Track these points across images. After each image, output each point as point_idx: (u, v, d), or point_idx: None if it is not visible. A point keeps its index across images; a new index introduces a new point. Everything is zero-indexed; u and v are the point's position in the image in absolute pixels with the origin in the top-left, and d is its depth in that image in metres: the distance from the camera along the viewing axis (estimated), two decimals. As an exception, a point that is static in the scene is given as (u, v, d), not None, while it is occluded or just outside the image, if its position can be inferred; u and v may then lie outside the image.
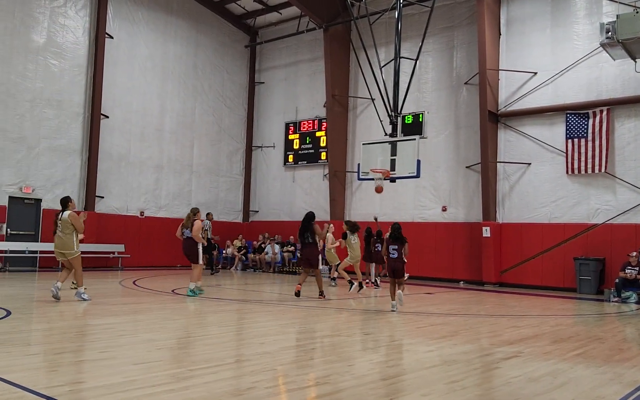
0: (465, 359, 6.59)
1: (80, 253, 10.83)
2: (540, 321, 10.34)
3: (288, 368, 5.92)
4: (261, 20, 25.58)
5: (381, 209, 21.87)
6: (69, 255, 10.68)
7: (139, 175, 22.12)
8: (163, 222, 22.25)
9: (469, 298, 14.86)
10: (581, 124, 17.54)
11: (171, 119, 23.33)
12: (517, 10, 19.34)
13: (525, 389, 5.25)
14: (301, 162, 24.65)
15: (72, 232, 10.65)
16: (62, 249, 10.68)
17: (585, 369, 6.31)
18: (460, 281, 19.53)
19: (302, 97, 24.95)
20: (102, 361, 5.87)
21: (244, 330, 8.79)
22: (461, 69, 20.39)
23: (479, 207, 19.25)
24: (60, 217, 10.71)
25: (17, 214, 18.70)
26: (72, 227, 10.62)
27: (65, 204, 10.84)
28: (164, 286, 14.53)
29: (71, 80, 20.08)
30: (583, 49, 17.79)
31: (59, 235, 10.68)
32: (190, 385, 4.97)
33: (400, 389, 5.18)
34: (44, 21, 19.42)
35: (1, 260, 18.06)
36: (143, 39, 22.35)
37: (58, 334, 7.58)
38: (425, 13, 19.10)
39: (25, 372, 5.26)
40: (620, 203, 16.92)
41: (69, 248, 10.64)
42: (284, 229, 24.02)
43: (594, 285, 16.61)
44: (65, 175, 19.85)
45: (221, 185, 25.35)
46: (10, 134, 18.48)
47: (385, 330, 9.01)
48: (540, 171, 18.46)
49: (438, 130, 20.48)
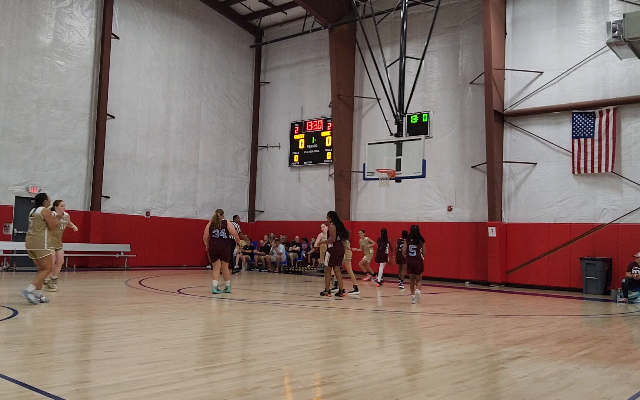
0: (471, 359, 6.57)
1: (50, 254, 10.12)
2: (546, 321, 10.30)
3: (293, 368, 5.92)
4: (266, 20, 25.60)
5: (387, 209, 21.89)
6: (39, 255, 9.96)
7: (144, 175, 22.18)
8: (169, 222, 22.31)
9: (475, 298, 14.82)
10: (587, 123, 17.46)
11: (177, 119, 23.39)
12: (522, 10, 19.27)
13: (531, 390, 5.23)
14: (306, 162, 24.66)
15: (44, 229, 9.97)
16: (32, 247, 9.98)
17: (592, 369, 6.28)
18: (465, 281, 19.49)
19: (307, 97, 24.96)
20: (108, 361, 5.88)
21: (249, 330, 8.80)
22: (467, 69, 20.34)
23: (485, 207, 19.20)
24: (32, 213, 10.09)
25: (24, 214, 18.71)
26: (44, 225, 9.97)
27: (40, 201, 10.19)
28: (170, 286, 14.56)
29: (77, 81, 20.16)
30: (589, 48, 17.72)
31: (29, 233, 10.02)
32: (196, 385, 4.98)
33: (405, 389, 5.17)
34: (50, 22, 19.50)
35: (8, 260, 18.15)
36: (149, 39, 22.42)
37: (64, 333, 7.61)
38: (430, 13, 19.07)
39: (32, 371, 5.28)
40: (627, 203, 16.84)
41: (39, 246, 9.94)
42: (290, 228, 24.05)
43: (601, 285, 16.54)
44: (71, 176, 19.93)
45: (227, 185, 25.38)
46: (16, 134, 18.57)
47: (391, 330, 9.00)
48: (546, 171, 18.39)
49: (443, 130, 20.44)
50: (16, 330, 7.57)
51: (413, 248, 12.54)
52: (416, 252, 12.50)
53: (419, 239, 12.63)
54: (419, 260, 12.51)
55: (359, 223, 22.60)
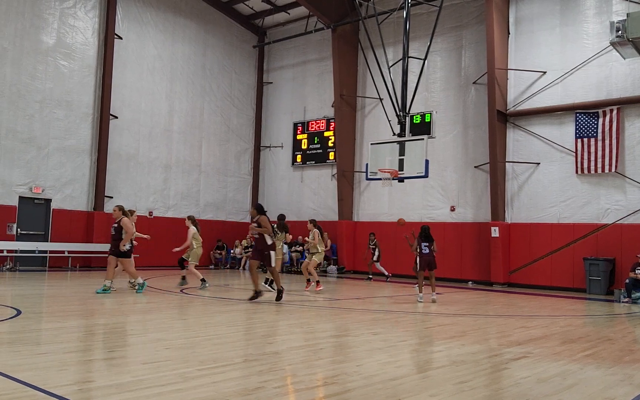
0: (474, 359, 6.56)
1: None
2: (549, 322, 10.28)
3: (296, 368, 5.92)
4: (269, 20, 25.61)
5: (389, 209, 21.87)
6: None
7: (147, 175, 22.21)
8: (172, 222, 22.33)
9: (478, 298, 14.81)
10: (591, 123, 17.42)
11: (179, 119, 23.42)
12: (525, 9, 19.24)
13: (534, 390, 5.22)
14: (309, 162, 24.66)
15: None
16: None
17: (595, 370, 6.27)
18: (468, 281, 19.46)
19: (310, 97, 24.96)
20: (110, 360, 5.89)
21: (252, 329, 8.80)
22: (469, 69, 20.31)
23: (488, 207, 19.17)
24: None
25: (27, 214, 18.83)
26: None
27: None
28: (173, 286, 14.58)
29: (80, 81, 20.20)
30: (593, 47, 17.67)
31: None
32: (199, 385, 4.98)
33: (408, 390, 5.16)
34: (54, 22, 19.55)
35: (11, 260, 18.19)
36: (152, 40, 22.45)
37: (67, 333, 7.62)
38: (433, 12, 19.06)
39: (35, 371, 5.29)
40: (631, 203, 16.80)
41: None
42: (292, 228, 23.82)
43: (604, 285, 16.49)
44: (74, 176, 19.97)
45: (229, 185, 25.40)
46: (20, 135, 18.62)
47: (394, 330, 8.99)
48: (549, 171, 18.35)
49: (446, 130, 20.42)
50: (19, 330, 7.59)
51: (425, 245, 12.96)
52: (428, 249, 12.94)
53: (431, 237, 13.11)
54: (432, 256, 12.98)
55: (362, 223, 22.62)
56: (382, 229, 21.07)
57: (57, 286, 14.32)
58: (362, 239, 22.52)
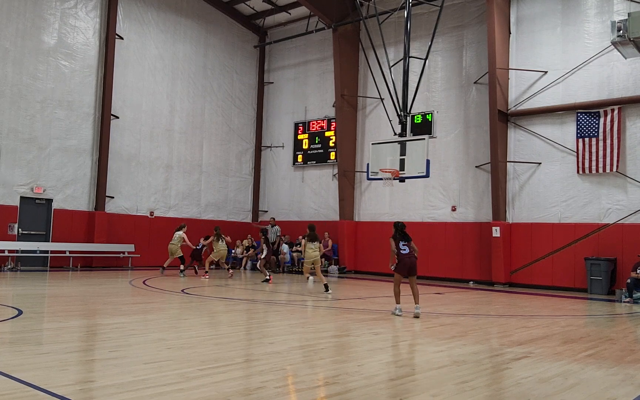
0: (475, 359, 6.56)
1: None
2: (550, 322, 10.27)
3: (297, 368, 5.92)
4: (270, 20, 25.61)
5: (390, 209, 21.87)
6: (177, 254, 13.00)
7: (148, 175, 22.22)
8: (173, 222, 22.31)
9: (479, 298, 14.80)
10: (592, 123, 17.41)
11: (181, 119, 23.43)
12: (527, 9, 19.22)
13: (535, 390, 5.22)
14: (310, 162, 24.66)
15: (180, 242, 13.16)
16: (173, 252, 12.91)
17: (597, 370, 6.26)
18: (469, 281, 19.45)
19: (311, 97, 24.96)
20: (112, 360, 5.90)
21: (253, 330, 8.81)
22: (471, 68, 20.30)
23: (489, 207, 19.16)
24: None
25: (29, 214, 18.85)
26: None
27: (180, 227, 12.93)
28: (174, 286, 14.59)
29: (82, 81, 20.21)
30: (594, 47, 17.66)
31: (173, 243, 13.61)
32: (200, 385, 4.99)
33: (409, 389, 5.16)
34: (55, 22, 19.56)
35: (13, 260, 18.21)
36: (153, 40, 22.46)
37: (69, 333, 7.63)
38: (434, 12, 19.05)
39: (37, 371, 5.29)
40: (632, 202, 16.78)
41: None
42: (293, 228, 24.04)
43: (605, 285, 16.48)
44: (75, 176, 19.99)
45: (230, 185, 25.41)
46: (21, 135, 18.63)
47: (395, 330, 8.99)
48: (550, 171, 18.34)
49: (447, 130, 20.42)
50: (21, 330, 7.60)
51: (404, 244, 10.31)
52: (408, 248, 10.29)
53: (407, 236, 10.46)
54: (414, 258, 10.31)
55: (362, 223, 22.62)
56: (382, 229, 21.06)
57: (58, 286, 14.33)
58: (362, 239, 22.54)
